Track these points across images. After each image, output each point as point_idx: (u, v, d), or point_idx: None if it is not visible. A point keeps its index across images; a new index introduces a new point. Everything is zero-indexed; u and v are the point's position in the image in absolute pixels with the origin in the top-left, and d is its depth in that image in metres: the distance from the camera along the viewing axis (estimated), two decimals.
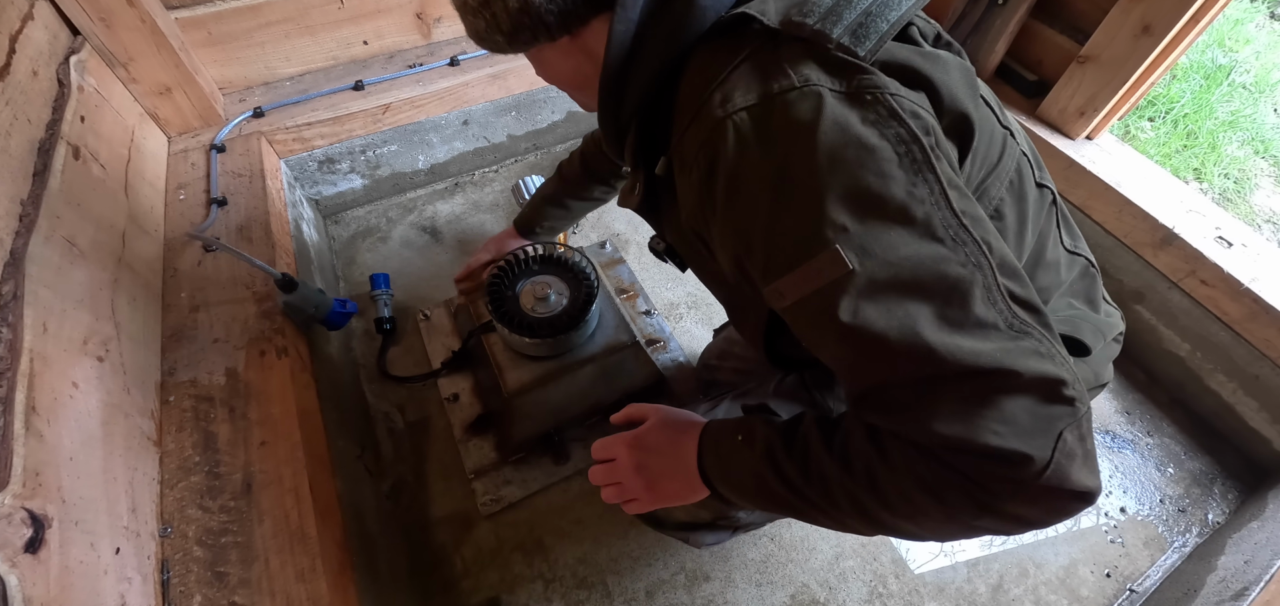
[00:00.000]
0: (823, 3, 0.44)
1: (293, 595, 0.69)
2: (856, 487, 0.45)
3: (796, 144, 0.41)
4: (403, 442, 1.13)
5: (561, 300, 1.07)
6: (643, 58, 0.49)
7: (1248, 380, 1.13)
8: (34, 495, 0.57)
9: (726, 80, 0.45)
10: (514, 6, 0.48)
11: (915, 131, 0.41)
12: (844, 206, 0.40)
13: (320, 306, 0.99)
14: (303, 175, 1.39)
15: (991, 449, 0.37)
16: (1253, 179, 1.93)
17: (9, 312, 0.64)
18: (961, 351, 0.37)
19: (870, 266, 0.39)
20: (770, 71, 0.43)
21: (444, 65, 1.44)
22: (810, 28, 0.43)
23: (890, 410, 0.42)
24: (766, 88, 0.42)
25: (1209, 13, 1.09)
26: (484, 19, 0.50)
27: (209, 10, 1.20)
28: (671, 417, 0.64)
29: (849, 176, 0.40)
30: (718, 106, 0.44)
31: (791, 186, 0.41)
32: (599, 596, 0.98)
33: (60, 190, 0.79)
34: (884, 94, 0.41)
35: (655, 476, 0.63)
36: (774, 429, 0.53)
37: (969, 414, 0.37)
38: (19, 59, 0.82)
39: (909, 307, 0.39)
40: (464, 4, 0.51)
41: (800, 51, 0.43)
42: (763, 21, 0.44)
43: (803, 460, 0.49)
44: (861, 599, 0.99)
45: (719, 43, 0.47)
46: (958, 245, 0.39)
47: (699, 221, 0.51)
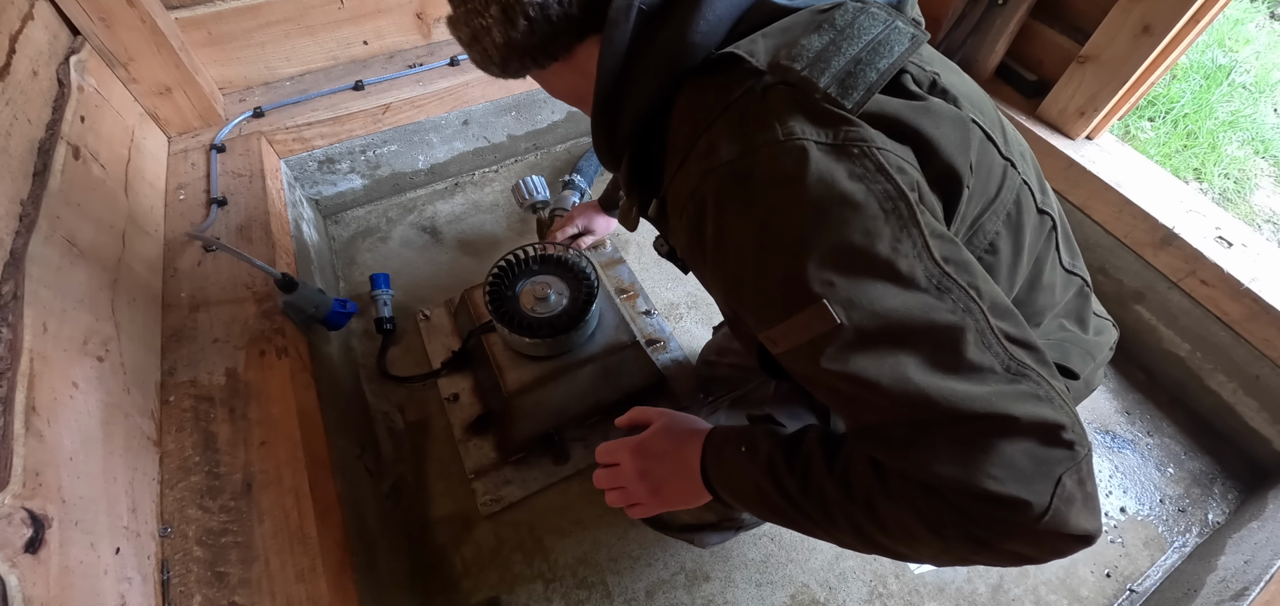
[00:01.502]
0: (811, 46, 0.43)
1: (293, 595, 0.69)
2: (855, 510, 0.45)
3: (781, 198, 0.40)
4: (403, 442, 1.13)
5: (561, 300, 1.07)
6: (632, 90, 0.48)
7: (1248, 380, 1.13)
8: (34, 495, 0.57)
9: (712, 126, 0.44)
10: (499, 41, 0.48)
11: (902, 187, 0.40)
12: (829, 262, 0.39)
13: (320, 306, 0.99)
14: (303, 175, 1.39)
15: (990, 494, 0.37)
16: (1253, 179, 1.93)
17: (9, 312, 0.64)
18: (955, 395, 0.37)
19: (857, 318, 0.39)
20: (755, 120, 0.42)
21: (444, 65, 1.44)
22: (797, 73, 0.42)
23: (889, 447, 0.42)
24: (750, 139, 0.41)
25: (1209, 13, 1.09)
26: (477, 52, 0.51)
27: (209, 10, 1.20)
28: (675, 423, 0.64)
29: (834, 233, 0.39)
30: (703, 156, 0.43)
31: (776, 240, 0.41)
32: (599, 596, 0.98)
33: (60, 190, 0.79)
34: (870, 148, 0.40)
35: (659, 481, 0.63)
36: (777, 442, 0.53)
37: (966, 457, 0.37)
38: (19, 59, 0.82)
39: (900, 356, 0.39)
40: (459, 38, 0.51)
41: (787, 98, 0.42)
42: (751, 62, 0.43)
43: (804, 476, 0.49)
44: (861, 599, 0.99)
45: (708, 80, 0.46)
46: (943, 293, 0.39)
47: (690, 260, 0.51)
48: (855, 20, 0.44)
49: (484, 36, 0.48)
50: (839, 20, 0.44)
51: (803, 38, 0.43)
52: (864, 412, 0.42)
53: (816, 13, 0.45)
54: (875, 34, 0.43)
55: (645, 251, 1.48)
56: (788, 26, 0.45)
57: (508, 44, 0.48)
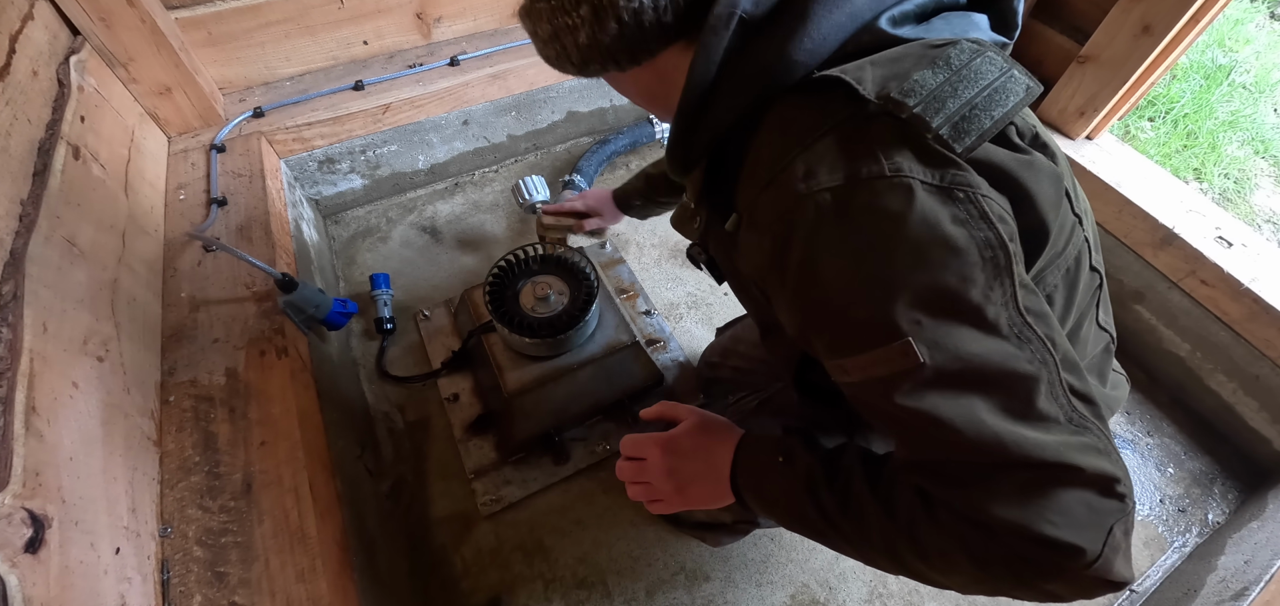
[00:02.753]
0: (926, 83, 0.41)
1: (293, 595, 0.69)
2: (896, 535, 0.45)
3: (880, 234, 0.40)
4: (403, 442, 1.13)
5: (561, 300, 1.07)
6: (721, 100, 0.47)
7: (1248, 380, 1.13)
8: (34, 495, 0.57)
9: (810, 149, 0.42)
10: (584, 42, 0.46)
11: (1003, 237, 0.40)
12: (920, 302, 0.40)
13: (320, 306, 0.99)
14: (303, 175, 1.39)
15: (1047, 538, 0.38)
16: (1253, 179, 1.93)
17: (9, 312, 0.64)
18: (1027, 442, 0.38)
19: (940, 359, 0.39)
20: (859, 151, 0.41)
21: (444, 65, 1.44)
22: (909, 109, 0.40)
23: (946, 483, 0.42)
24: (854, 169, 0.40)
25: (1209, 13, 1.09)
26: (554, 50, 0.49)
27: (209, 10, 1.20)
28: (707, 422, 0.64)
29: (930, 275, 0.39)
30: (800, 180, 0.42)
31: (869, 275, 0.40)
32: (599, 596, 0.98)
33: (60, 190, 0.79)
34: (975, 194, 0.40)
35: (685, 480, 0.62)
36: (816, 456, 0.53)
37: (1027, 502, 0.38)
38: (19, 59, 0.82)
39: (975, 399, 0.39)
40: (535, 33, 0.49)
41: (894, 133, 0.41)
42: (858, 90, 0.41)
43: (843, 494, 0.49)
44: (861, 599, 0.99)
45: (805, 100, 0.45)
46: (1024, 343, 0.40)
47: (763, 280, 0.50)
48: (971, 62, 0.42)
49: (566, 35, 0.47)
50: (954, 60, 0.42)
51: (915, 72, 0.42)
52: (927, 448, 0.43)
53: (929, 47, 0.44)
54: (991, 80, 0.42)
55: (645, 251, 1.48)
56: (897, 57, 0.43)
57: (593, 45, 0.46)
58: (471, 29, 1.53)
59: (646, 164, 1.14)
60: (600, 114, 1.71)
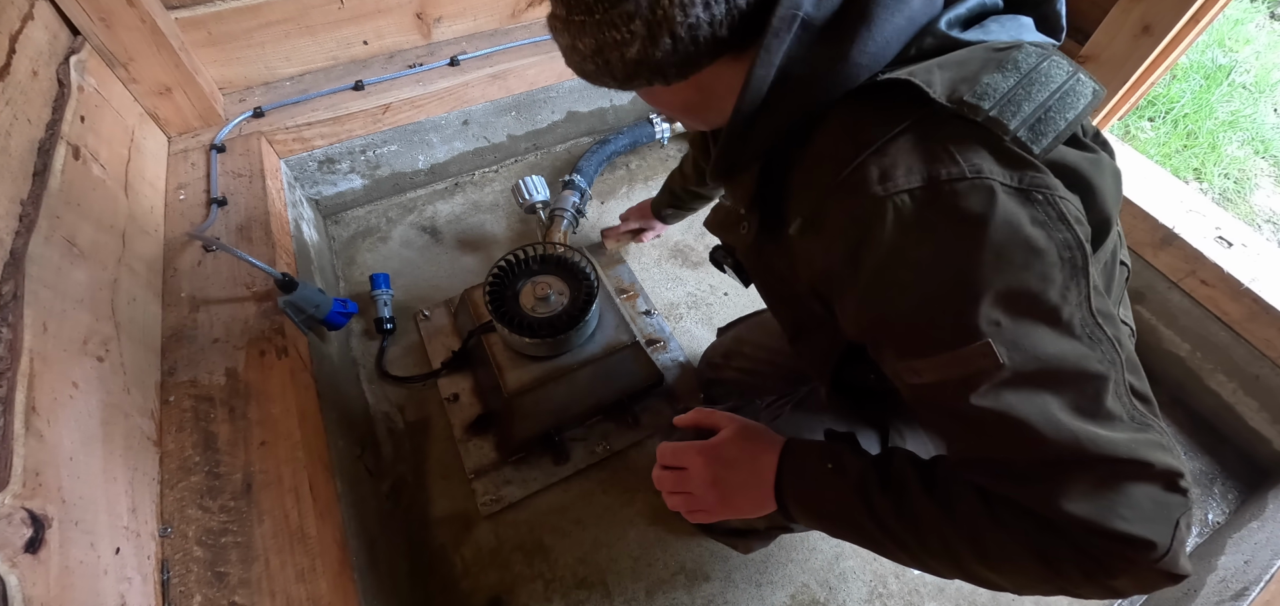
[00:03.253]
0: (998, 87, 0.41)
1: (293, 595, 0.69)
2: (955, 536, 0.46)
3: (962, 236, 0.40)
4: (403, 442, 1.13)
5: (561, 300, 1.07)
6: (780, 105, 0.46)
7: (1248, 380, 1.13)
8: (34, 495, 0.57)
9: (883, 151, 0.42)
10: (631, 58, 0.44)
11: (1080, 237, 0.41)
12: (1001, 303, 0.40)
13: (320, 306, 0.99)
14: (303, 175, 1.39)
15: (1120, 533, 0.39)
16: (1253, 179, 1.93)
17: (9, 312, 0.64)
18: (1101, 439, 0.39)
19: (1018, 360, 0.40)
20: (936, 153, 0.41)
21: (444, 65, 1.44)
22: (986, 112, 0.40)
23: (1014, 482, 0.43)
24: (933, 171, 0.40)
25: (1209, 13, 1.09)
26: (595, 64, 0.47)
27: (209, 10, 1.20)
28: (749, 429, 0.63)
29: (1012, 275, 0.40)
30: (876, 182, 0.42)
31: (952, 277, 0.41)
32: (599, 596, 0.98)
33: (60, 190, 0.79)
34: (1053, 196, 0.41)
35: (730, 490, 0.61)
36: (866, 462, 0.53)
37: (1100, 498, 0.39)
38: (19, 59, 0.82)
39: (1048, 397, 0.40)
40: (572, 47, 0.47)
41: (969, 135, 0.41)
42: (928, 92, 0.41)
43: (898, 499, 0.49)
44: (861, 599, 0.99)
45: (869, 103, 0.44)
46: (1095, 343, 0.41)
47: (824, 285, 0.49)
48: (1040, 66, 0.42)
49: (613, 50, 0.44)
50: (1022, 63, 0.42)
51: (985, 75, 0.42)
52: (997, 447, 0.43)
53: (994, 51, 0.43)
54: (1061, 83, 0.42)
55: (645, 251, 1.49)
56: (963, 60, 0.43)
57: (642, 61, 0.44)
58: (471, 29, 1.53)
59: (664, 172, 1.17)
60: (600, 114, 1.71)
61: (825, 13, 0.43)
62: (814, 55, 0.44)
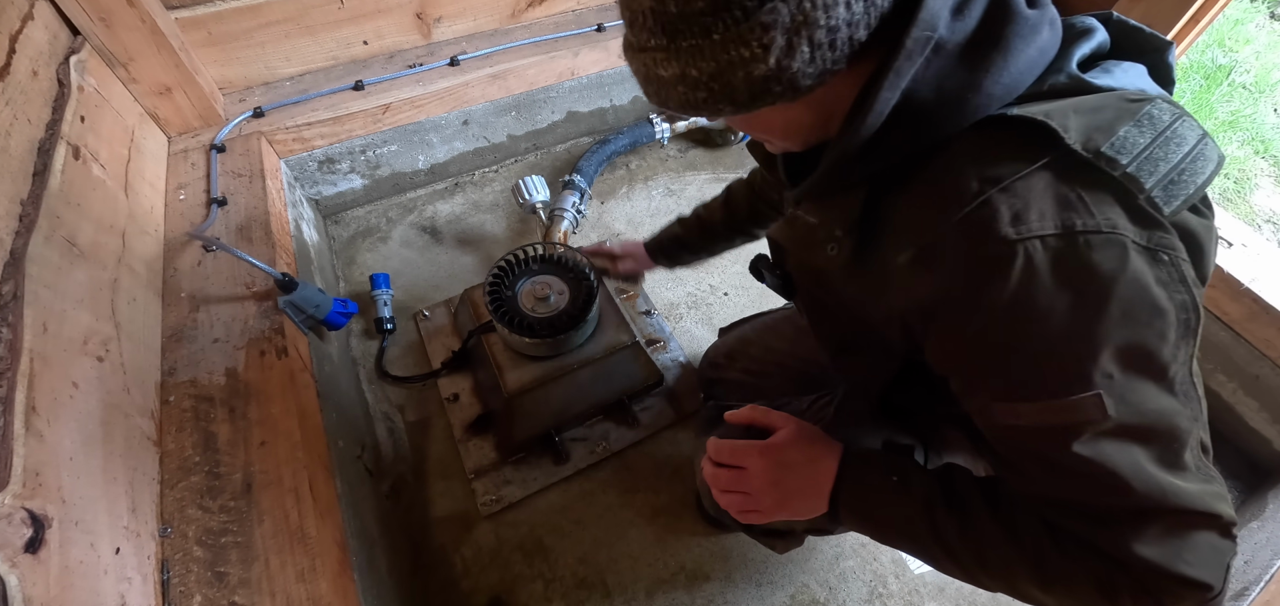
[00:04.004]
0: (1135, 142, 0.40)
1: (293, 595, 0.69)
2: (1019, 559, 0.47)
3: (1091, 290, 0.40)
4: (403, 442, 1.13)
5: (561, 300, 1.07)
6: (900, 129, 0.44)
7: (1248, 380, 1.13)
8: (34, 495, 0.57)
9: (1012, 190, 0.41)
10: (760, 75, 0.40)
11: (1197, 301, 0.41)
12: (1119, 358, 0.40)
13: (320, 306, 0.99)
14: (303, 175, 1.39)
15: (1183, 576, 0.42)
16: (1253, 179, 1.93)
17: (9, 312, 0.64)
18: (1181, 492, 0.41)
19: (1123, 413, 0.41)
20: (1070, 201, 0.40)
21: (444, 65, 1.44)
22: (1123, 168, 0.39)
23: (1088, 521, 0.45)
24: (1068, 220, 0.39)
25: (1209, 13, 1.09)
26: (708, 91, 0.42)
27: (209, 10, 1.20)
28: (807, 431, 0.62)
29: (1134, 333, 0.40)
30: (1008, 223, 0.40)
31: (1077, 328, 0.40)
32: (599, 596, 0.98)
33: (60, 190, 0.79)
34: (1177, 257, 0.40)
35: (789, 492, 0.60)
36: (930, 477, 0.54)
37: (1170, 543, 0.42)
38: (19, 59, 0.82)
39: (1139, 449, 0.42)
40: (681, 76, 0.42)
41: (1102, 186, 0.40)
42: (1064, 137, 0.40)
43: (962, 517, 0.51)
44: (861, 599, 0.99)
45: (998, 136, 0.43)
46: (1187, 401, 0.42)
47: (920, 317, 0.47)
48: (1173, 125, 0.41)
49: (738, 69, 0.40)
50: (1158, 120, 0.41)
51: (1120, 127, 0.41)
52: (1081, 489, 0.44)
53: (1127, 101, 0.42)
54: (1192, 146, 0.42)
55: None
56: (1098, 107, 0.42)
57: (774, 76, 0.40)
58: (471, 29, 1.53)
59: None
60: (600, 114, 1.71)
61: (959, 37, 0.42)
62: (945, 80, 0.42)
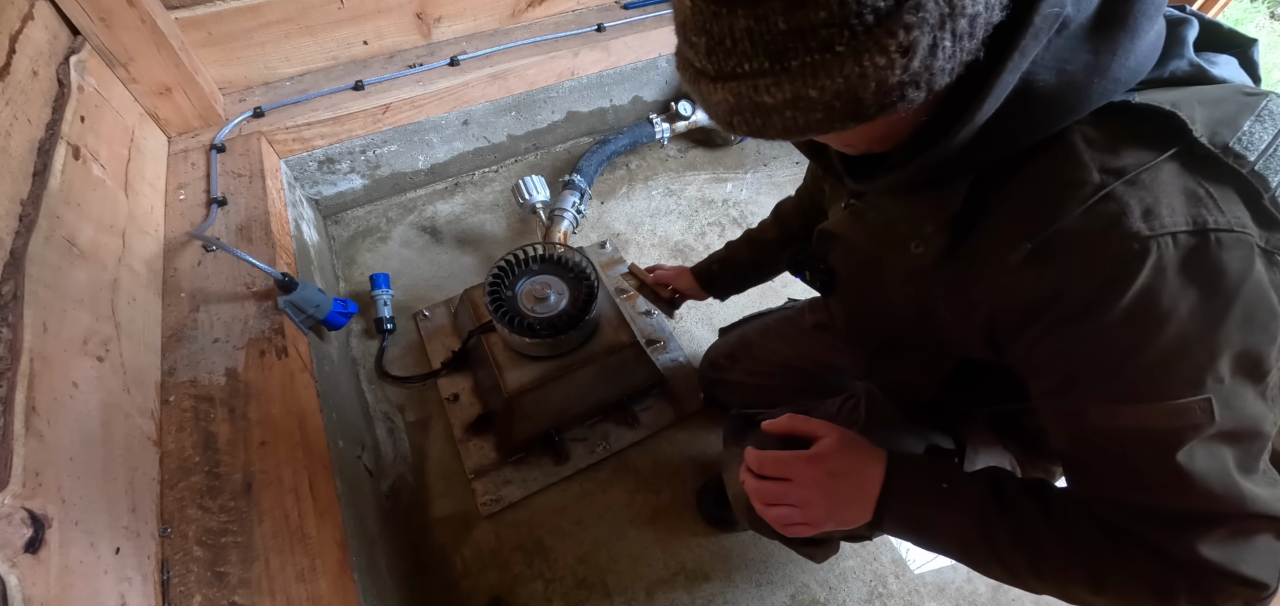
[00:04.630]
0: (1260, 138, 0.38)
1: (293, 595, 0.69)
2: (1074, 565, 0.47)
3: (1220, 291, 0.38)
4: (403, 442, 1.13)
5: (561, 300, 1.07)
6: (1016, 117, 0.40)
7: None
8: (34, 495, 0.57)
9: (1138, 181, 0.39)
10: (895, 82, 0.34)
11: None
12: (1233, 361, 0.39)
13: (320, 306, 0.99)
14: (303, 175, 1.39)
15: (1245, 577, 0.42)
16: None
17: (9, 313, 0.64)
18: (1258, 498, 0.41)
19: (1226, 418, 0.40)
20: (1199, 197, 0.38)
21: (444, 65, 1.44)
22: (1251, 164, 0.38)
23: (1151, 522, 0.44)
24: (1201, 218, 0.38)
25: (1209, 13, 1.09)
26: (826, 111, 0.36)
27: (209, 10, 1.20)
28: (850, 438, 0.59)
29: (1251, 338, 0.39)
30: (1139, 219, 0.38)
31: (1196, 330, 0.39)
32: (599, 596, 0.98)
33: (60, 190, 0.79)
34: None
35: (838, 501, 0.58)
36: (981, 484, 0.53)
37: (1233, 546, 0.42)
38: (19, 59, 0.82)
39: (1228, 452, 0.41)
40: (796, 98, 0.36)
41: (1227, 182, 0.39)
42: (1192, 129, 0.38)
43: (1016, 524, 0.50)
44: (861, 599, 0.99)
45: (1116, 125, 0.41)
46: (1274, 406, 0.42)
47: (1016, 314, 0.45)
48: None
49: (868, 81, 0.34)
50: (1277, 115, 0.40)
51: (1243, 121, 0.39)
52: (1159, 492, 0.43)
53: (1245, 94, 0.41)
54: None
55: (645, 252, 1.49)
56: (1219, 99, 0.40)
57: (911, 80, 0.34)
58: (471, 29, 1.53)
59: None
60: (600, 114, 1.71)
61: (1084, 16, 0.38)
62: (1068, 62, 0.39)
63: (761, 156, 1.76)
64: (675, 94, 1.77)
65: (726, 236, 1.53)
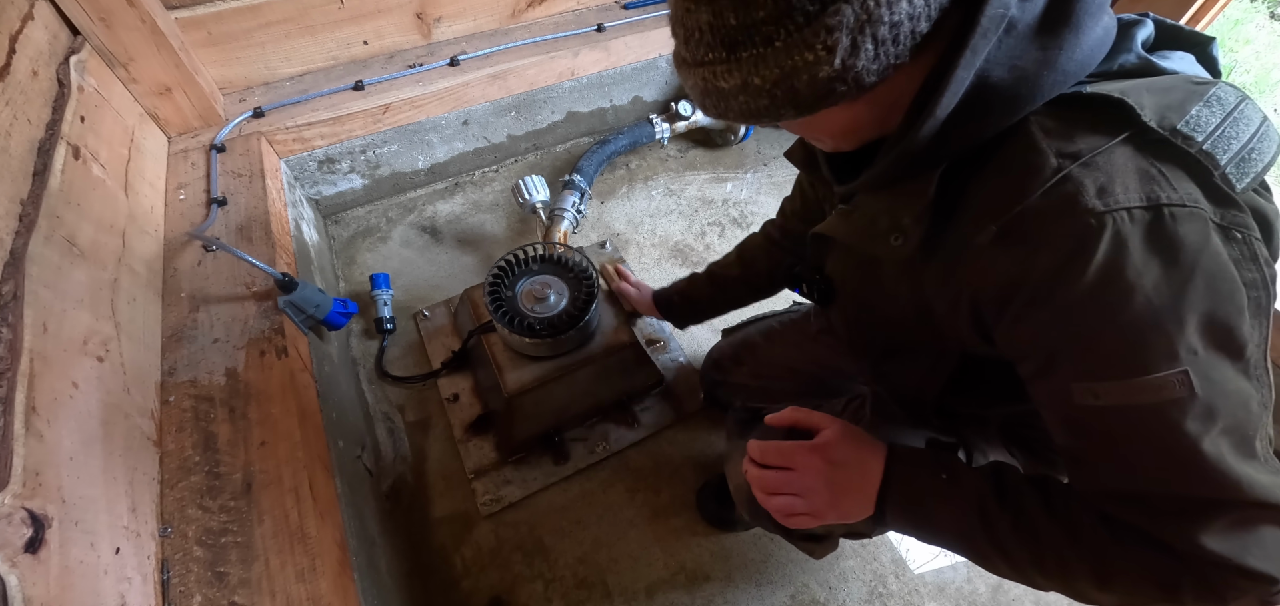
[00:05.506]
0: (1207, 121, 0.41)
1: (293, 595, 0.69)
2: (1076, 558, 0.47)
3: (1179, 262, 0.40)
4: (403, 442, 1.13)
5: (561, 300, 1.07)
6: (974, 111, 0.43)
7: None
8: (34, 495, 0.57)
9: (1093, 163, 0.41)
10: (824, 76, 0.39)
11: (1268, 279, 0.42)
12: (1203, 332, 0.40)
13: (320, 306, 0.99)
14: (303, 175, 1.39)
15: (1250, 570, 0.41)
16: None
17: (9, 312, 0.64)
18: (1257, 484, 0.41)
19: (1208, 393, 0.41)
20: (1152, 176, 0.41)
21: (444, 65, 1.44)
22: (1198, 145, 0.41)
23: (1151, 513, 0.44)
24: (1153, 194, 0.40)
25: (1209, 13, 1.09)
26: (771, 98, 0.41)
27: (209, 10, 1.20)
28: (852, 431, 0.61)
29: (1217, 306, 0.40)
30: (1094, 196, 0.40)
31: (1161, 300, 0.40)
32: (599, 596, 0.98)
33: (60, 190, 0.79)
34: (1250, 236, 0.41)
35: (840, 491, 0.59)
36: (982, 476, 0.53)
37: (1237, 536, 0.41)
38: (19, 59, 0.82)
39: (1219, 434, 0.41)
40: (743, 85, 0.41)
41: (1179, 164, 0.41)
42: (1140, 114, 0.41)
43: (1016, 515, 0.50)
44: (861, 598, 0.99)
45: (1071, 114, 0.43)
46: (1260, 385, 0.42)
47: (993, 299, 0.47)
48: (1239, 106, 0.43)
49: (802, 73, 0.39)
50: (1224, 100, 0.43)
51: (1191, 106, 0.42)
52: (1153, 478, 0.43)
53: (1194, 83, 0.44)
54: (1258, 127, 0.43)
55: (645, 251, 1.49)
56: (1167, 87, 0.43)
57: (837, 77, 0.39)
58: (471, 29, 1.53)
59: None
60: (600, 114, 1.71)
61: (1030, 17, 0.42)
62: (1018, 59, 0.42)
63: (761, 156, 1.76)
64: (675, 94, 1.77)
65: (726, 236, 1.53)
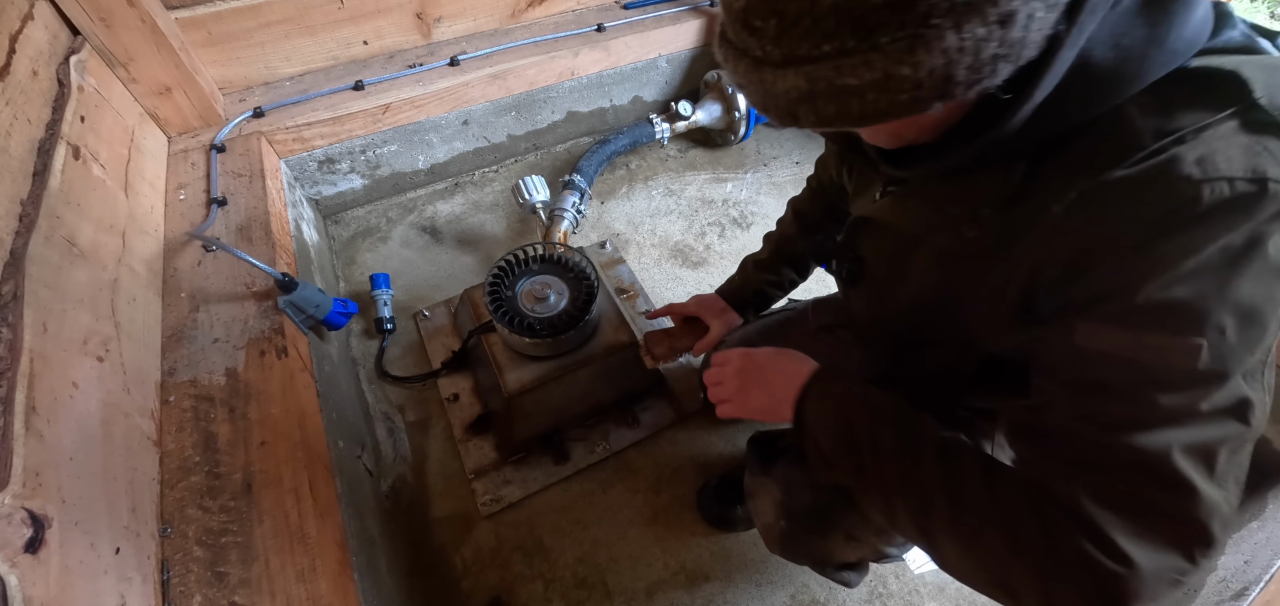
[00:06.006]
0: None
1: (293, 595, 0.69)
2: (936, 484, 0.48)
3: (1259, 238, 0.38)
4: (403, 442, 1.13)
5: (561, 300, 1.07)
6: (1074, 95, 0.40)
7: None
8: (34, 495, 0.57)
9: (1198, 137, 0.39)
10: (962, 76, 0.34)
11: None
12: (1236, 314, 0.38)
13: (320, 307, 0.99)
14: (303, 175, 1.39)
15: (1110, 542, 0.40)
16: None
17: (9, 312, 0.64)
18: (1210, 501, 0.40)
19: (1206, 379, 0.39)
20: (1258, 151, 0.38)
21: (444, 65, 1.44)
22: None
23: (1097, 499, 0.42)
24: (1259, 168, 0.37)
25: None
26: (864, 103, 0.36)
27: (209, 10, 1.20)
28: (788, 352, 0.67)
29: (1260, 292, 0.38)
30: (1192, 164, 0.38)
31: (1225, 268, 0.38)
32: (599, 596, 0.98)
33: (60, 190, 0.79)
34: None
35: (749, 383, 0.67)
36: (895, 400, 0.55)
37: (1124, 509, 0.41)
38: (19, 59, 0.82)
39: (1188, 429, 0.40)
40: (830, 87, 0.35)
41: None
42: (1253, 91, 0.38)
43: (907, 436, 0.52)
44: (861, 599, 0.99)
45: (1174, 90, 0.41)
46: (1254, 389, 0.41)
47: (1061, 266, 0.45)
48: None
49: (965, 55, 0.33)
50: None
51: None
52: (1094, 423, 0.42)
53: None
54: None
55: (645, 251, 1.49)
56: (1276, 66, 0.41)
57: (1001, 53, 0.34)
58: (471, 29, 1.53)
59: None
60: (600, 114, 1.71)
61: None
62: (1124, 36, 0.39)
63: (761, 156, 1.76)
64: (675, 94, 1.77)
65: (726, 236, 1.53)
